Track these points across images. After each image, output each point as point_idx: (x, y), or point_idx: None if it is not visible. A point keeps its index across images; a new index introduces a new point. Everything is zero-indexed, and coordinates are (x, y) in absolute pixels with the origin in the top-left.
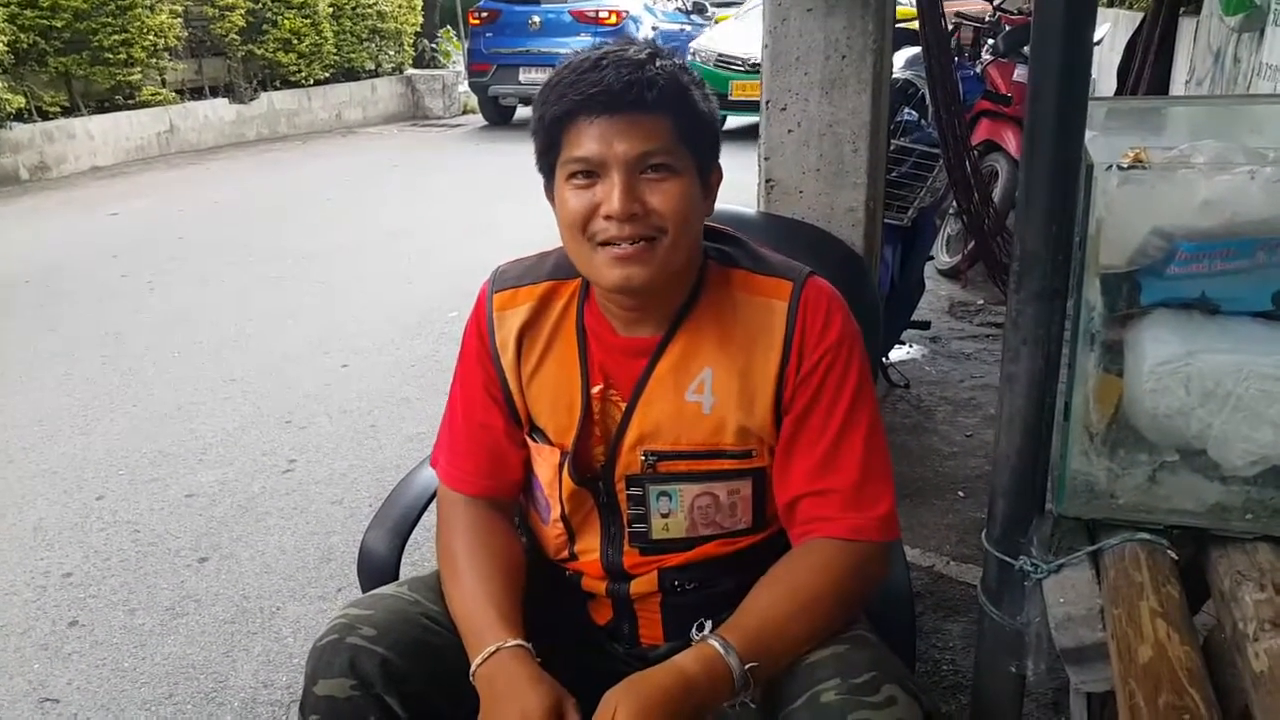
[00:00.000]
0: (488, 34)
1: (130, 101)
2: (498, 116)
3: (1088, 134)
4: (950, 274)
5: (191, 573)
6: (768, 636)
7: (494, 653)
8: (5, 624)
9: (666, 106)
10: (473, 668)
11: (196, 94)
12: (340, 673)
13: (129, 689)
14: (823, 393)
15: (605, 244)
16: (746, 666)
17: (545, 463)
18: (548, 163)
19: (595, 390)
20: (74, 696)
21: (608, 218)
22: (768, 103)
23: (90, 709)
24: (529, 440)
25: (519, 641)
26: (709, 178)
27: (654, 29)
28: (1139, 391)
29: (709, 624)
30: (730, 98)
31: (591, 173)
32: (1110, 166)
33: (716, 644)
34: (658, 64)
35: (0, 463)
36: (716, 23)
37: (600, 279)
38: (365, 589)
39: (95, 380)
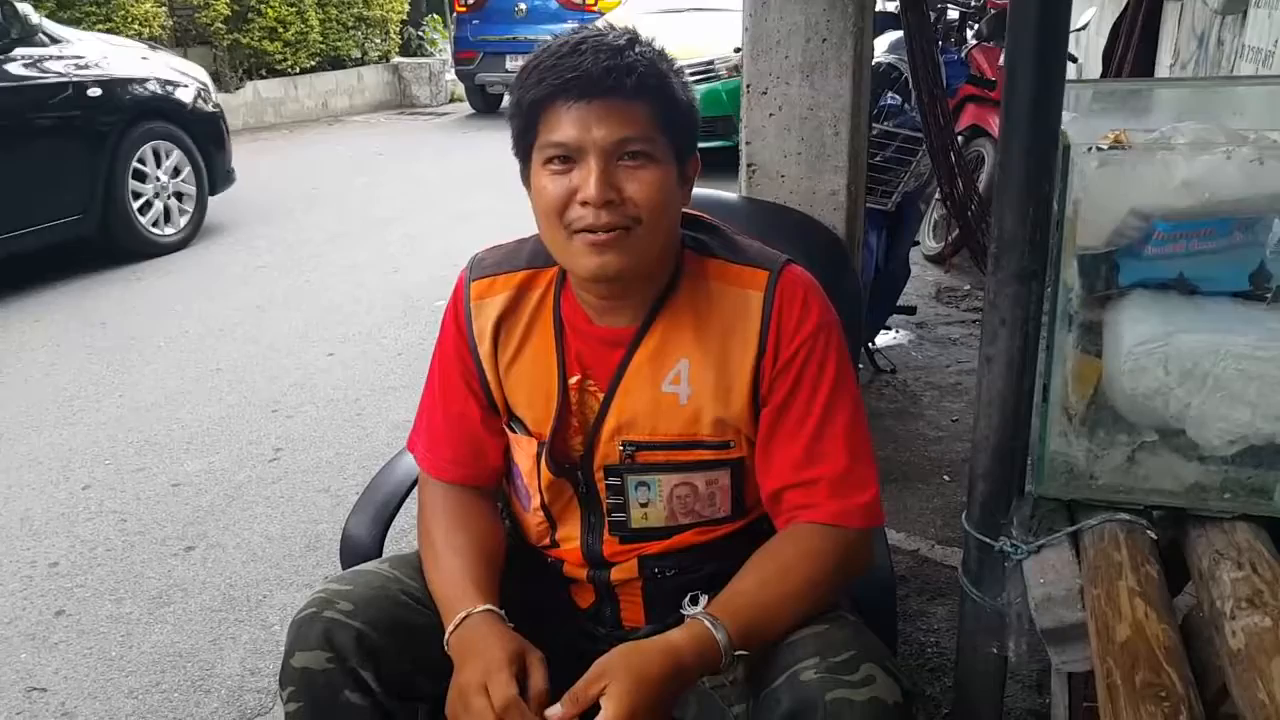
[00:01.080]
0: (474, 21)
1: None
2: (484, 104)
3: (1069, 116)
4: (936, 259)
5: (178, 561)
6: (756, 617)
7: (464, 618)
8: None
9: (646, 93)
10: (446, 636)
11: None
12: (316, 645)
13: (116, 677)
14: (801, 383)
15: (581, 231)
16: (736, 650)
17: (524, 452)
18: (524, 146)
19: (573, 381)
20: (61, 685)
21: (584, 204)
22: (748, 87)
23: (78, 698)
24: (507, 430)
25: (488, 606)
26: (686, 166)
27: None
28: (1117, 372)
29: (704, 598)
30: None
31: (568, 158)
32: (1090, 148)
33: (707, 621)
34: (637, 50)
35: None
36: (601, 14)
37: (575, 267)
38: None
39: (81, 370)
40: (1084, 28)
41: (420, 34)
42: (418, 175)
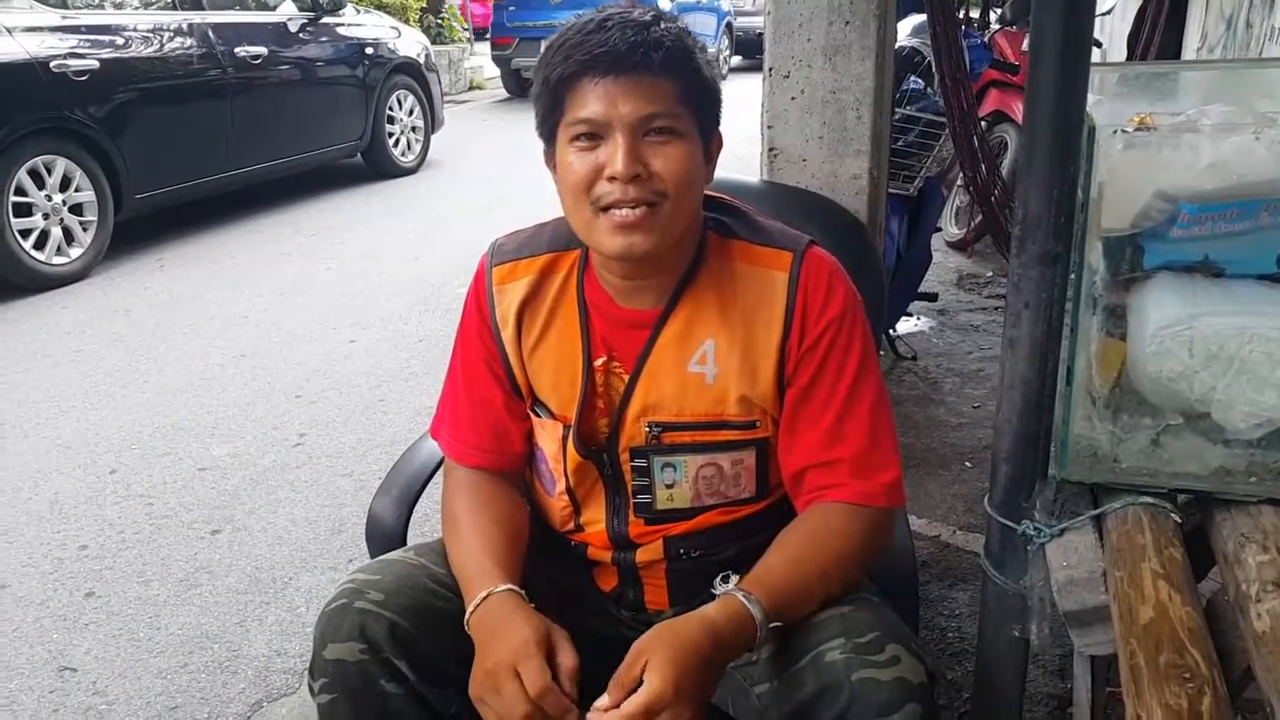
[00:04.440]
0: (510, 7)
1: None
2: (519, 89)
3: (1093, 99)
4: (959, 246)
5: (205, 544)
6: (788, 594)
7: (485, 598)
8: (24, 595)
9: (672, 69)
10: (466, 616)
11: None
12: (349, 636)
13: (145, 658)
14: (827, 365)
15: (608, 209)
16: (771, 624)
17: (549, 436)
18: (550, 125)
19: (598, 363)
20: (92, 665)
21: (611, 179)
22: (770, 69)
23: (108, 677)
24: (531, 414)
25: (509, 586)
26: (710, 144)
27: (671, 0)
28: (1142, 355)
29: (734, 576)
30: None
31: (595, 135)
32: (1115, 131)
33: (742, 597)
34: (662, 26)
35: (15, 438)
36: None
37: (601, 246)
38: (374, 556)
39: (106, 357)
40: (1109, 12)
41: (439, 21)
42: (438, 162)
